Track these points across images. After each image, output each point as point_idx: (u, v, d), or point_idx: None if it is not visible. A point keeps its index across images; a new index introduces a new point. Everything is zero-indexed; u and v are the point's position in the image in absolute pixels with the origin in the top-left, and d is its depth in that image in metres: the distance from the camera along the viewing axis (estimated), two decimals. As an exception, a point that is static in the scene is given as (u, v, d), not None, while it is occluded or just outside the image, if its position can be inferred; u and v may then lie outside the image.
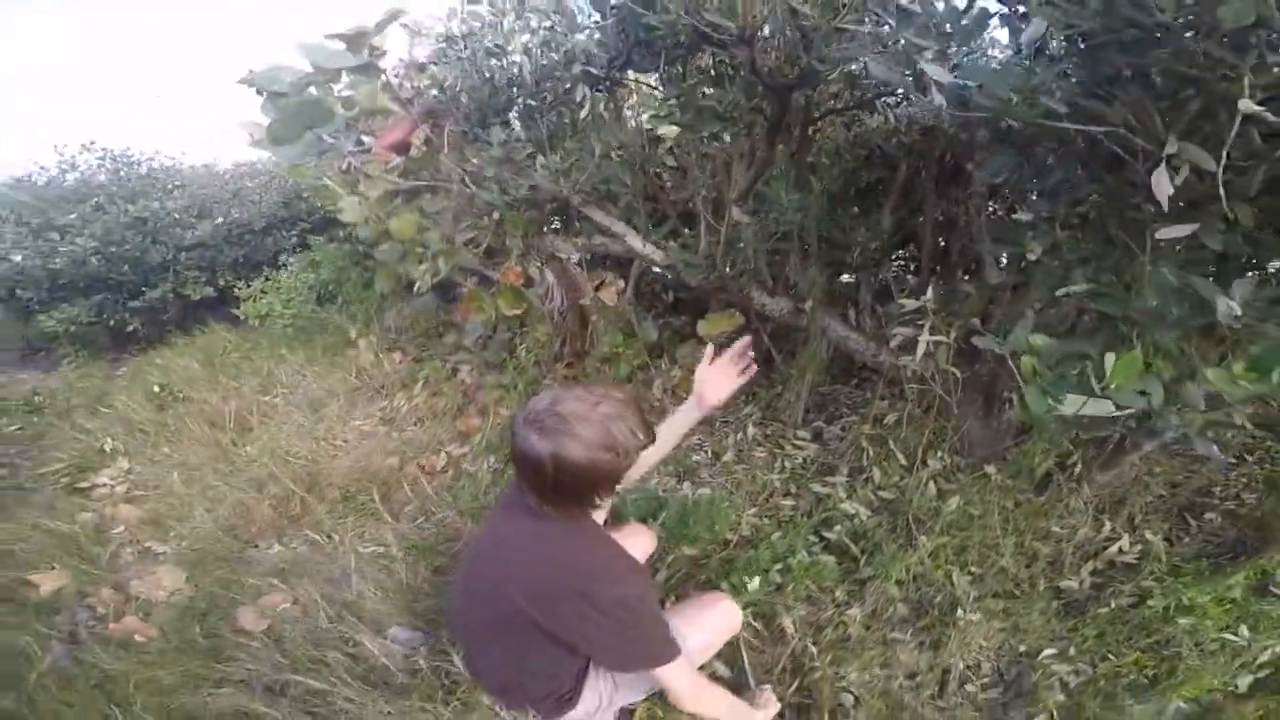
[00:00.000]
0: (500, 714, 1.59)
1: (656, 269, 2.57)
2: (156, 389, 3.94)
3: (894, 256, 2.96)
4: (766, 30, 1.62)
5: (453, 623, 1.67)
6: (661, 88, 2.15)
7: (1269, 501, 2.22)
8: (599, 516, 1.51)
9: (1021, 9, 1.33)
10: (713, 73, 1.99)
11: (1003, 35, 1.59)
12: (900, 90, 2.04)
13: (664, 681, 1.30)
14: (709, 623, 1.54)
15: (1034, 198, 1.35)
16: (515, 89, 2.13)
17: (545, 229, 2.72)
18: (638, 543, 1.81)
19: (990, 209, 2.14)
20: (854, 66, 1.92)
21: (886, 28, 1.57)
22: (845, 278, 2.72)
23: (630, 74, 2.09)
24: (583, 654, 1.34)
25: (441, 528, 2.33)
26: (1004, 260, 1.95)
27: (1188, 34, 0.87)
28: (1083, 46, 1.00)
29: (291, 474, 2.65)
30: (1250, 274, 1.23)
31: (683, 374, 2.80)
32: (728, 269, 2.33)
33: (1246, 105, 0.78)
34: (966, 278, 2.38)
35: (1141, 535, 2.10)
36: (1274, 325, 0.94)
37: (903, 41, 1.26)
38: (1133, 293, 1.10)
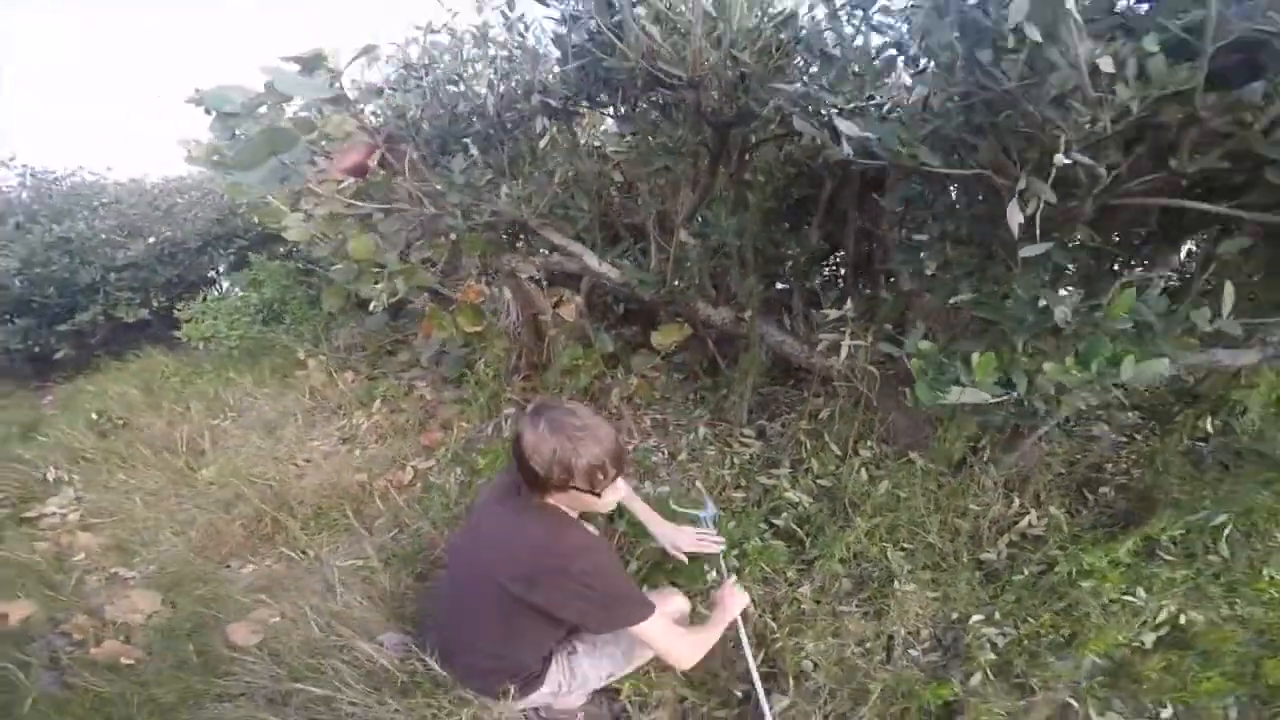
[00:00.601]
0: (488, 705, 1.73)
1: (609, 284, 2.75)
2: (94, 416, 3.86)
3: (824, 264, 3.25)
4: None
5: (434, 618, 1.82)
6: (618, 123, 2.35)
7: (1149, 476, 2.57)
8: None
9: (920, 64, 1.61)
10: (661, 104, 2.20)
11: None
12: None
13: (645, 638, 1.50)
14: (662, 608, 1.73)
15: (930, 220, 1.62)
16: (476, 118, 2.28)
17: (502, 249, 2.86)
18: None
19: (901, 227, 2.43)
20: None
21: (815, 70, 1.82)
22: (780, 286, 2.99)
23: (586, 104, 2.27)
24: (567, 623, 1.54)
25: (417, 538, 2.44)
26: (914, 271, 2.24)
27: (1030, 98, 1.13)
28: (958, 104, 1.26)
29: (258, 494, 2.70)
30: (1119, 279, 1.53)
31: (639, 382, 2.99)
32: (677, 284, 2.54)
33: (1060, 159, 1.05)
34: (891, 281, 2.68)
35: (1046, 510, 2.38)
36: (1091, 328, 1.22)
37: (820, 95, 1.50)
38: (1007, 301, 1.38)
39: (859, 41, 1.66)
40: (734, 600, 1.75)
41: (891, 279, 2.70)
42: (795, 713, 1.76)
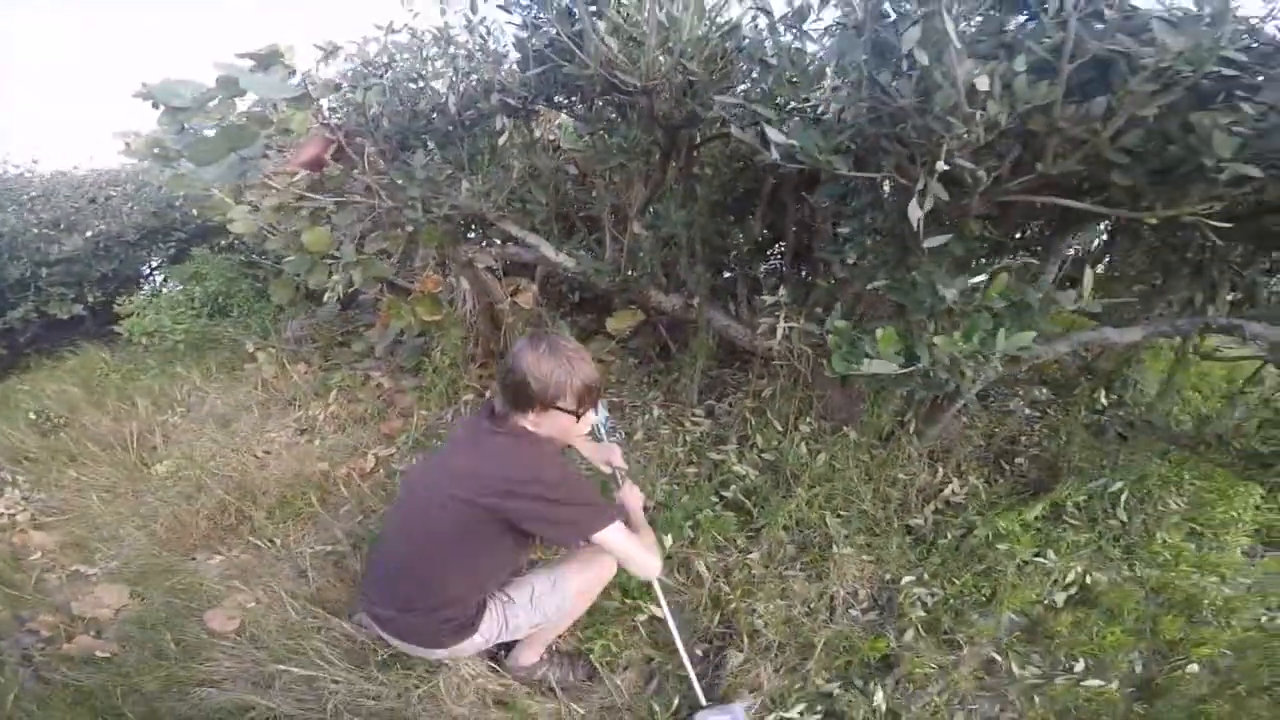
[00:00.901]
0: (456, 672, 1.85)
1: (565, 273, 2.88)
2: (33, 415, 3.75)
3: (769, 253, 3.45)
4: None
5: (375, 573, 1.82)
6: (576, 123, 2.47)
7: (1054, 446, 2.86)
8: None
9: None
10: (617, 105, 2.33)
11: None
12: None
13: (608, 545, 1.63)
14: (592, 565, 1.82)
15: (852, 215, 1.82)
16: (436, 115, 2.35)
17: (459, 240, 2.95)
18: None
19: (833, 220, 2.63)
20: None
21: (755, 75, 1.98)
22: (727, 275, 3.16)
23: (545, 105, 2.38)
24: (541, 535, 1.67)
25: (383, 522, 2.52)
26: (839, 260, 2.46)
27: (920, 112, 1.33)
28: (866, 116, 1.46)
29: (220, 485, 2.72)
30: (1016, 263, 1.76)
31: (597, 366, 3.13)
32: (631, 273, 2.68)
33: (940, 166, 1.25)
34: (827, 269, 2.89)
35: (967, 479, 2.63)
36: (974, 309, 1.44)
37: (753, 106, 1.67)
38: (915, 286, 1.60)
39: (796, 47, 1.83)
40: (636, 499, 1.90)
41: (828, 267, 2.92)
42: (749, 667, 1.93)
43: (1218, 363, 2.85)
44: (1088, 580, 2.25)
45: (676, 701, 1.84)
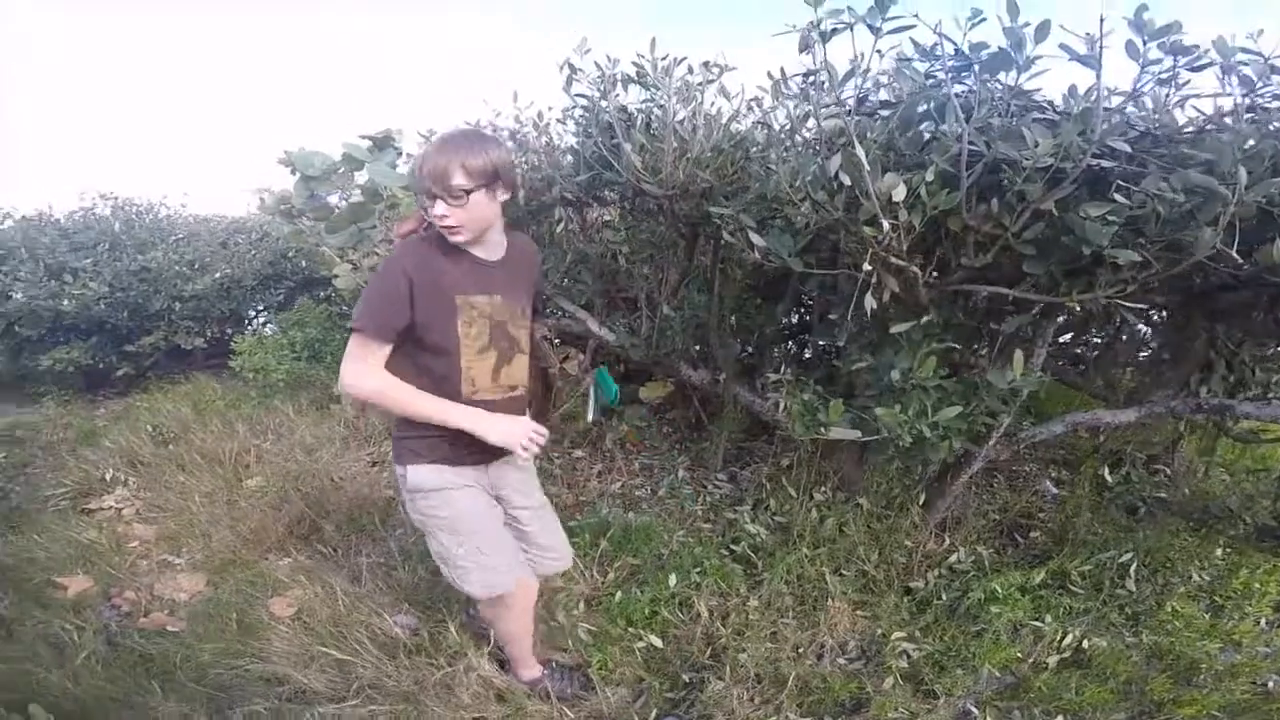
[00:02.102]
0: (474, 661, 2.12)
1: (609, 345, 3.27)
2: (150, 428, 4.35)
3: (804, 333, 3.74)
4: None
5: None
6: (617, 219, 2.94)
7: (1060, 517, 2.96)
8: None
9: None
10: (650, 208, 2.76)
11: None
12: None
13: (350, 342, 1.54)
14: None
15: (839, 302, 2.13)
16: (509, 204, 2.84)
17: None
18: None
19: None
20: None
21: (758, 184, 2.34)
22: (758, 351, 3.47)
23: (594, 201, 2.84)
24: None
25: (432, 542, 2.87)
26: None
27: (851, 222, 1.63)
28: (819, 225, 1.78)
29: (302, 500, 3.15)
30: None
31: (629, 430, 3.49)
32: (662, 349, 3.05)
33: (866, 266, 1.54)
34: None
35: (974, 548, 2.75)
36: (911, 386, 1.70)
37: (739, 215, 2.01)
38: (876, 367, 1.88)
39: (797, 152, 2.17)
40: (486, 422, 1.62)
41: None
42: (726, 693, 2.11)
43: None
44: (1085, 645, 2.27)
45: (654, 714, 2.06)
